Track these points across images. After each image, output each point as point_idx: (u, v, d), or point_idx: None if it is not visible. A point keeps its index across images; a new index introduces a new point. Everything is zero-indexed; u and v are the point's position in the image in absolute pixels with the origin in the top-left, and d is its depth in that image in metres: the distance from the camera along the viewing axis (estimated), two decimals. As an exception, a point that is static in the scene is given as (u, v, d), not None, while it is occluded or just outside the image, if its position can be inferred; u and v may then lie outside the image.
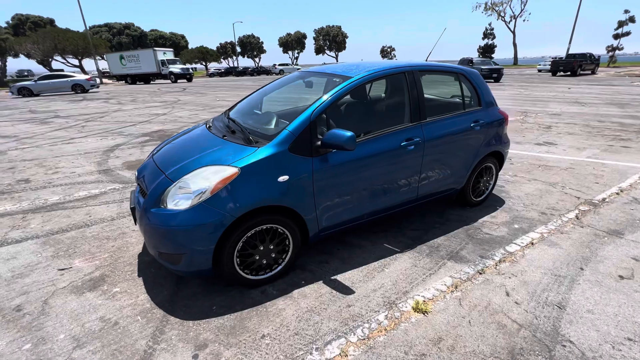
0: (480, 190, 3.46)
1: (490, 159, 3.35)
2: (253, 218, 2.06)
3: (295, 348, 1.79)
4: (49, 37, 33.87)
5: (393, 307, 2.09)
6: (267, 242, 2.18)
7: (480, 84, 3.18)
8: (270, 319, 2.00)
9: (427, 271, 2.45)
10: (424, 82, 3.26)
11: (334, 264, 2.55)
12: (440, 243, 2.83)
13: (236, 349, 1.79)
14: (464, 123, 2.96)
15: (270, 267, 2.29)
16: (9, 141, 7.00)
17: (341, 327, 1.93)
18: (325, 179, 2.26)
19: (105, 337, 1.88)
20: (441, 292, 2.22)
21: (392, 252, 2.70)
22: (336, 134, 2.09)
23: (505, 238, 2.89)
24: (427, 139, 2.69)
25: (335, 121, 2.79)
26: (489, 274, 2.41)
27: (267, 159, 2.07)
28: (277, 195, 2.08)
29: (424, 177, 2.81)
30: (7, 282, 2.36)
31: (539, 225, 3.10)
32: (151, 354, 1.76)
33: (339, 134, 2.09)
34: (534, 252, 2.66)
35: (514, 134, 6.82)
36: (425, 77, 3.38)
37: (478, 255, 2.64)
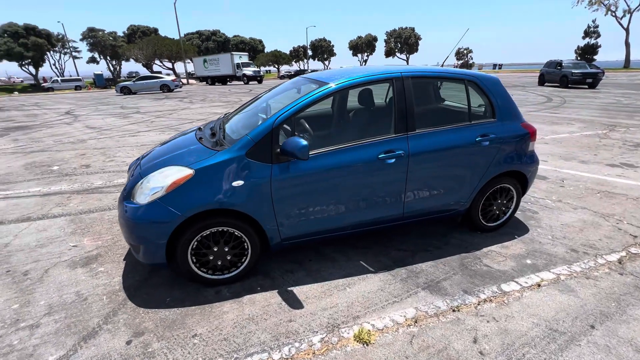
0: (494, 214, 2.99)
1: (508, 180, 2.87)
2: (206, 219, 2.12)
3: (216, 353, 1.79)
4: (150, 44, 39.72)
5: (334, 330, 1.95)
6: (221, 244, 2.22)
7: (497, 93, 2.74)
8: (209, 319, 2.04)
9: (393, 298, 2.21)
10: (428, 90, 2.98)
11: (298, 275, 2.48)
12: (424, 269, 2.53)
13: (165, 343, 1.86)
14: (466, 137, 2.60)
15: (228, 268, 2.33)
16: (93, 132, 8.43)
17: (271, 341, 1.87)
18: (286, 188, 2.20)
19: (71, 309, 2.13)
20: (396, 324, 1.99)
21: (364, 271, 2.51)
22: (291, 142, 2.03)
23: (506, 274, 2.45)
24: (412, 153, 2.43)
25: (314, 129, 2.71)
26: (464, 312, 2.07)
27: (223, 163, 2.11)
28: (230, 199, 2.10)
29: (411, 194, 2.55)
30: (29, 250, 2.85)
31: (560, 264, 2.56)
32: (96, 332, 1.94)
33: (294, 142, 2.02)
34: (535, 296, 2.21)
35: (584, 150, 5.75)
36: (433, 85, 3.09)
37: (462, 289, 2.30)
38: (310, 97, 2.28)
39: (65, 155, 6.09)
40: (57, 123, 10.44)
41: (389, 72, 2.49)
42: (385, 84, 2.50)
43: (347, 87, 2.38)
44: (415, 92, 2.48)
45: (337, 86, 2.34)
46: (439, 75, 2.71)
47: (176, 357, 1.77)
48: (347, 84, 2.38)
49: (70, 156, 5.99)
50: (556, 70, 19.53)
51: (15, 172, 5.12)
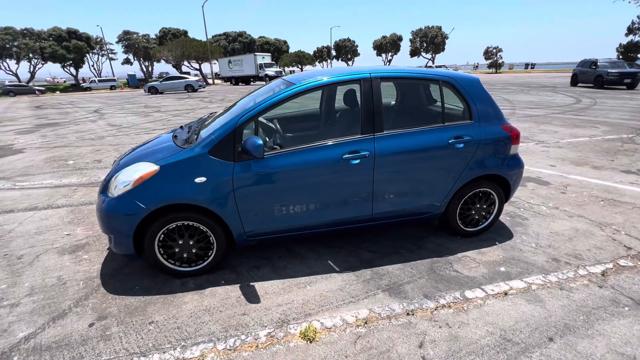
0: (474, 219, 2.90)
1: (488, 184, 2.78)
2: (171, 213, 2.23)
3: (167, 340, 1.89)
4: (179, 46, 41.37)
5: (283, 326, 1.99)
6: (186, 237, 2.33)
7: (474, 94, 2.66)
8: (169, 308, 2.15)
9: (350, 298, 2.22)
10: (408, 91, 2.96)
11: (264, 271, 2.54)
12: (390, 271, 2.51)
13: (123, 327, 1.99)
14: (437, 138, 2.54)
15: (195, 261, 2.43)
16: (113, 129, 8.95)
17: (220, 332, 1.94)
18: (248, 186, 2.27)
19: (49, 292, 2.32)
20: (345, 324, 1.99)
21: (329, 271, 2.53)
22: (248, 141, 2.10)
23: (474, 280, 2.38)
24: (379, 154, 2.41)
25: (288, 129, 2.77)
26: (418, 317, 2.05)
27: (186, 160, 2.21)
28: (193, 195, 2.20)
29: (379, 196, 2.53)
30: (29, 236, 3.11)
31: (535, 273, 2.45)
32: (65, 314, 2.10)
33: (250, 141, 2.09)
34: (498, 305, 2.13)
35: (600, 155, 5.40)
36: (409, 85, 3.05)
37: (423, 293, 2.26)
38: (274, 99, 2.33)
39: (82, 150, 6.54)
40: (84, 120, 11.19)
41: (357, 73, 2.49)
42: (355, 85, 2.50)
43: (312, 88, 2.41)
44: (385, 93, 2.47)
45: (301, 87, 2.37)
46: (410, 76, 2.66)
47: (129, 341, 1.88)
48: (312, 86, 2.41)
49: (86, 152, 6.42)
50: (590, 69, 18.35)
51: (36, 165, 5.56)
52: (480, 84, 2.71)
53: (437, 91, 2.63)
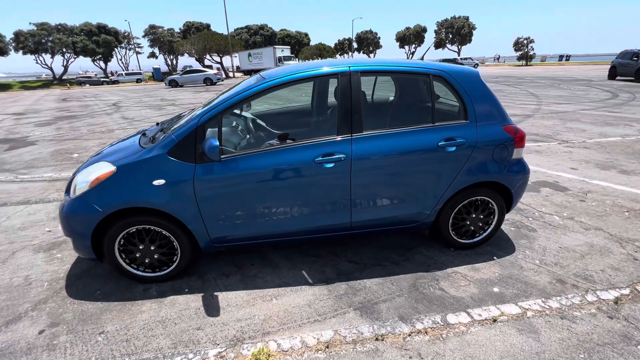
0: (469, 230, 2.60)
1: (486, 192, 2.47)
2: (130, 217, 2.10)
3: (111, 354, 1.77)
4: (201, 39, 41.92)
5: (237, 345, 1.82)
6: (146, 242, 2.20)
7: (471, 90, 2.34)
8: (123, 318, 2.03)
9: (316, 316, 2.02)
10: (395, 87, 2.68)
11: (232, 280, 2.38)
12: (367, 286, 2.28)
13: (72, 337, 1.89)
14: (425, 141, 2.25)
15: (159, 267, 2.31)
16: (125, 122, 9.11)
17: (168, 348, 1.80)
18: (211, 189, 2.10)
19: (13, 292, 2.27)
20: (304, 347, 1.80)
21: (302, 282, 2.33)
22: (206, 143, 1.92)
23: (461, 302, 2.11)
24: (356, 157, 2.17)
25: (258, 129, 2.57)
26: (387, 343, 1.81)
27: (144, 161, 2.06)
28: (151, 198, 2.06)
29: (358, 203, 2.29)
30: (12, 231, 3.12)
31: (534, 296, 2.14)
32: (20, 318, 2.03)
33: (206, 142, 1.91)
34: (484, 334, 1.86)
35: (631, 158, 4.84)
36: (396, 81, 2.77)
37: (398, 314, 2.02)
38: (238, 96, 2.14)
39: (89, 144, 6.66)
40: (100, 113, 11.51)
41: (335, 67, 2.24)
42: (330, 80, 2.26)
43: (282, 84, 2.19)
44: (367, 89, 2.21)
45: (269, 84, 2.16)
46: (396, 70, 2.37)
47: (73, 353, 1.78)
48: (281, 81, 2.18)
49: (93, 145, 6.53)
50: (631, 62, 16.85)
51: (42, 157, 5.70)
52: (479, 78, 2.39)
53: (428, 87, 2.34)
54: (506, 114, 2.45)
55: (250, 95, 2.14)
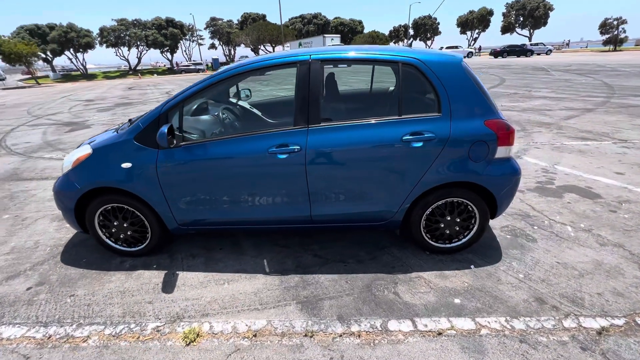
0: (444, 233, 2.38)
1: (462, 193, 2.23)
2: (105, 195, 2.32)
3: (72, 315, 2.00)
4: (255, 30, 43.46)
5: (175, 322, 1.93)
6: (120, 219, 2.41)
7: (448, 79, 2.08)
8: (94, 285, 2.27)
9: (258, 305, 2.04)
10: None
11: (197, 261, 2.50)
12: (320, 282, 2.23)
13: (49, 296, 2.17)
14: (388, 134, 2.09)
15: (135, 243, 2.52)
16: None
17: (118, 316, 1.98)
18: (172, 174, 2.22)
19: (22, 253, 2.67)
20: (234, 333, 1.84)
21: (259, 271, 2.37)
22: (159, 130, 2.02)
23: (411, 309, 1.97)
24: (311, 149, 2.10)
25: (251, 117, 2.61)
26: (315, 340, 1.77)
27: (114, 145, 2.25)
28: (119, 179, 2.24)
29: (316, 196, 2.23)
30: (41, 202, 3.64)
31: (498, 314, 1.91)
32: (18, 275, 2.39)
33: (159, 130, 2.01)
34: (421, 346, 1.72)
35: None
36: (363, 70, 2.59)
37: (338, 313, 1.95)
38: (197, 86, 2.20)
39: (132, 128, 7.41)
40: (152, 101, 12.66)
41: (295, 55, 2.18)
42: (290, 69, 2.19)
43: (237, 74, 2.19)
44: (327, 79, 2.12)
45: (224, 75, 2.18)
46: (360, 58, 2.21)
47: (44, 310, 2.05)
48: (236, 72, 2.19)
49: (134, 129, 7.25)
50: None
51: (91, 139, 6.50)
52: (461, 67, 2.13)
53: (396, 77, 2.15)
54: (493, 107, 2.16)
55: (206, 87, 2.19)
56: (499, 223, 2.87)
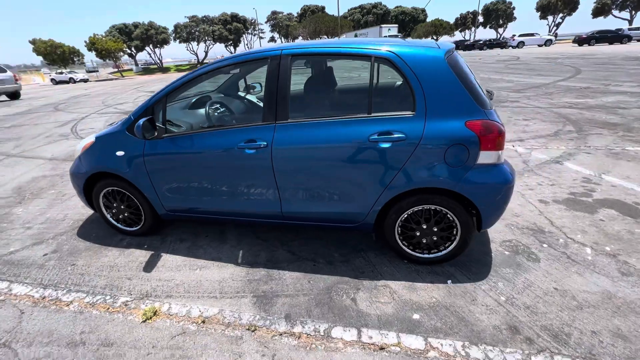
0: (420, 242, 2.19)
1: (440, 200, 2.02)
2: (107, 179, 2.60)
3: (66, 281, 2.30)
4: (312, 22, 43.80)
5: (142, 299, 2.10)
6: (118, 201, 2.67)
7: (425, 75, 1.87)
8: (93, 257, 2.57)
9: (218, 293, 2.13)
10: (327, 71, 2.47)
11: (183, 245, 2.67)
12: (284, 279, 2.23)
13: (57, 262, 2.52)
14: (355, 133, 1.96)
15: (134, 224, 2.78)
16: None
17: (100, 288, 2.22)
18: (156, 163, 2.39)
19: (51, 223, 3.12)
20: (186, 316, 1.95)
21: (231, 261, 2.45)
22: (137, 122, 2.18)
23: (363, 318, 1.87)
24: (276, 145, 2.08)
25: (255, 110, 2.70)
26: (255, 335, 1.79)
27: (110, 135, 2.49)
28: (115, 166, 2.48)
29: (285, 193, 2.22)
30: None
31: (458, 338, 1.72)
32: (42, 242, 2.81)
33: (138, 122, 2.16)
34: (354, 358, 1.63)
35: None
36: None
37: (288, 312, 1.94)
38: (184, 78, 2.31)
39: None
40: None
41: (268, 50, 2.15)
42: (260, 65, 2.18)
43: (216, 69, 2.24)
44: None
45: (204, 70, 2.25)
46: (332, 52, 2.09)
47: (49, 275, 2.39)
48: (215, 67, 2.24)
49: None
50: None
51: (141, 127, 7.26)
52: (442, 62, 1.90)
53: (369, 72, 2.00)
54: (480, 106, 1.90)
55: (185, 82, 2.30)
56: (502, 236, 2.56)
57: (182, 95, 2.67)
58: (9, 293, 2.22)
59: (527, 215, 2.83)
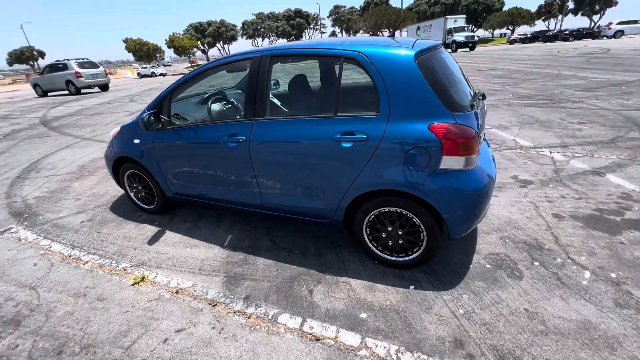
0: (387, 244, 2.17)
1: (406, 204, 1.98)
2: (130, 162, 3.04)
3: (89, 245, 2.78)
4: (373, 15, 42.86)
5: (138, 267, 2.46)
6: (137, 182, 3.11)
7: (391, 76, 1.83)
8: (115, 228, 3.04)
9: (197, 269, 2.39)
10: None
11: (186, 225, 3.01)
12: (257, 264, 2.40)
13: (88, 229, 3.04)
14: (321, 132, 2.01)
15: (150, 203, 3.21)
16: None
17: (111, 253, 2.65)
18: (161, 151, 2.73)
19: (94, 197, 3.73)
20: (166, 286, 2.24)
21: (220, 243, 2.70)
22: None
23: (312, 310, 1.95)
24: (253, 140, 2.24)
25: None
26: (213, 310, 2.00)
27: (129, 125, 2.90)
28: (132, 151, 2.89)
29: (264, 185, 2.38)
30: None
31: (395, 342, 1.71)
32: (83, 211, 3.40)
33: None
34: (291, 344, 1.74)
35: None
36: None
37: (247, 294, 2.11)
38: (185, 77, 2.59)
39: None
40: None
41: (253, 52, 2.30)
42: (246, 65, 2.33)
43: (205, 70, 2.47)
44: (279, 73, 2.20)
45: (195, 72, 2.50)
46: (306, 53, 2.13)
47: (80, 238, 2.91)
48: (204, 68, 2.48)
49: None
50: None
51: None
52: (410, 63, 1.84)
53: (340, 71, 2.03)
54: (444, 110, 1.81)
55: (185, 81, 2.58)
56: (491, 248, 2.38)
57: (190, 91, 2.98)
58: (49, 249, 2.77)
59: (530, 229, 2.58)
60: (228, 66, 2.45)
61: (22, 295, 2.24)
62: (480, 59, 20.15)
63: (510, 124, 5.46)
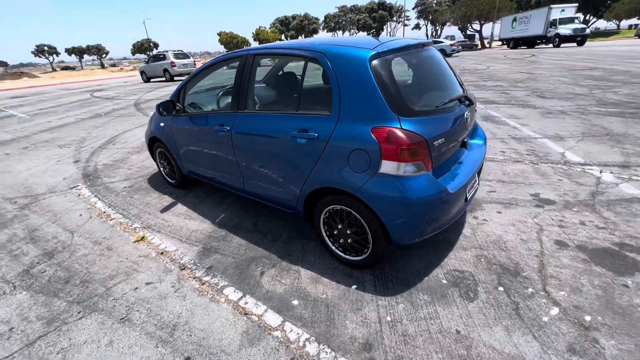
0: (338, 241, 2.21)
1: (352, 203, 2.01)
2: (158, 142, 3.60)
3: (122, 208, 3.42)
4: (462, 6, 39.29)
5: (146, 228, 2.96)
6: (163, 159, 3.66)
7: (344, 77, 1.83)
8: (145, 195, 3.66)
9: (185, 239, 2.77)
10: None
11: (195, 200, 3.46)
12: (233, 242, 2.68)
13: (125, 194, 3.73)
14: (284, 128, 2.13)
15: (173, 178, 3.75)
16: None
17: (133, 215, 3.22)
18: (177, 134, 3.18)
19: (140, 169, 4.49)
20: (156, 247, 2.67)
21: (213, 219, 3.05)
22: (162, 102, 2.97)
23: (254, 288, 2.15)
24: (234, 131, 2.48)
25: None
26: (181, 273, 2.35)
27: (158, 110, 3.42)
28: (159, 132, 3.42)
29: (245, 172, 2.62)
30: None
31: (311, 333, 1.81)
32: (127, 180, 4.14)
33: (162, 102, 2.96)
34: (222, 313, 1.97)
35: None
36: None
37: (211, 265, 2.40)
38: (186, 80, 2.97)
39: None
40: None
41: (243, 51, 2.52)
42: (238, 62, 2.55)
43: (205, 68, 2.80)
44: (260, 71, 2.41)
45: (198, 69, 2.82)
46: (282, 52, 2.23)
47: (116, 200, 3.59)
48: (205, 66, 2.79)
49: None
50: None
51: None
52: (364, 63, 1.83)
53: (305, 70, 2.12)
54: (391, 114, 1.77)
55: (194, 75, 2.95)
56: (458, 265, 2.23)
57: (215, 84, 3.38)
58: (93, 205, 3.51)
59: (516, 253, 2.31)
60: (225, 63, 2.74)
61: (63, 236, 2.93)
62: (581, 56, 17.08)
63: (569, 134, 4.69)
